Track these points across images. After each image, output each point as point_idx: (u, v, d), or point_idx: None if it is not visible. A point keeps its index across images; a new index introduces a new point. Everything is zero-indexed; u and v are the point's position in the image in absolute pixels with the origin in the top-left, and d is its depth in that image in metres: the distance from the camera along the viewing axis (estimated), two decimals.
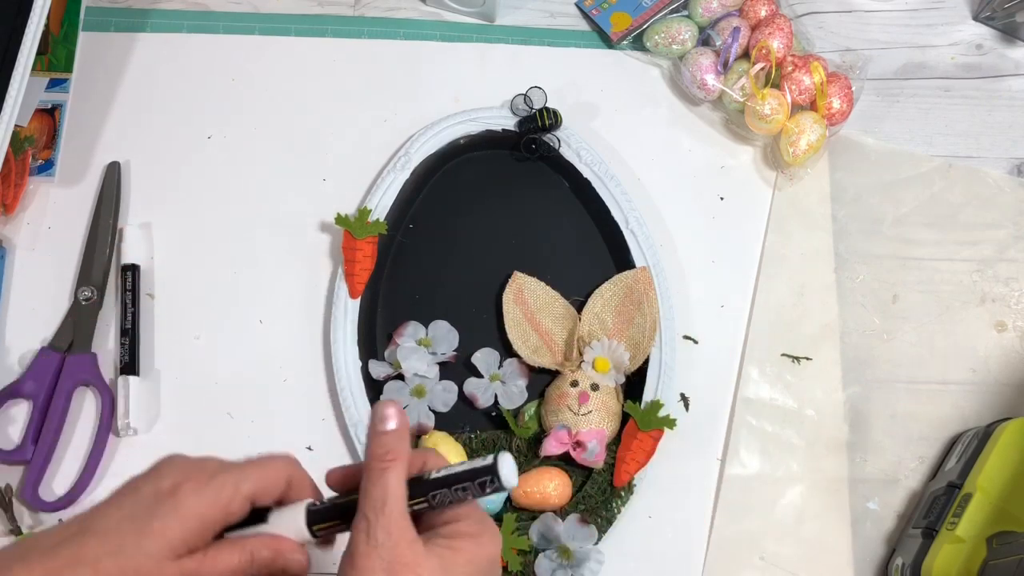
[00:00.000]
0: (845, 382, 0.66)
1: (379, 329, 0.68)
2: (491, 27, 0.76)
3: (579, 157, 0.70)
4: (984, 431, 0.62)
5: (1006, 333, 0.68)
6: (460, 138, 0.71)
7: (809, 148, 0.69)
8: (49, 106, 0.71)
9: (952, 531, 0.57)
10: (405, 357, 0.64)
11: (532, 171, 0.72)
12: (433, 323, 0.66)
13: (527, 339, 0.66)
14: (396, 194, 0.69)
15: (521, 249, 0.70)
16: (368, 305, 0.67)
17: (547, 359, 0.66)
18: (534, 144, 0.70)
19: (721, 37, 0.72)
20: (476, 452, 0.64)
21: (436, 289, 0.69)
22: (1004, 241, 0.71)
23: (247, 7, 0.75)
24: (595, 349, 0.64)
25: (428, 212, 0.71)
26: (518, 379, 0.66)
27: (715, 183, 0.72)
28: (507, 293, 0.67)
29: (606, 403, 0.63)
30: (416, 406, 0.64)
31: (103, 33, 0.73)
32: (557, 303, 0.67)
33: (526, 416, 0.65)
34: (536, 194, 0.72)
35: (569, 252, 0.70)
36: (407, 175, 0.69)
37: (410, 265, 0.70)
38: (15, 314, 0.66)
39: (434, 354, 0.66)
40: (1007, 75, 0.77)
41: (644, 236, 0.68)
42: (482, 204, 0.71)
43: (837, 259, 0.70)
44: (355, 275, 0.66)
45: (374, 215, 0.67)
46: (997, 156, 0.74)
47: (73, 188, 0.69)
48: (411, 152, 0.70)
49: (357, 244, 0.66)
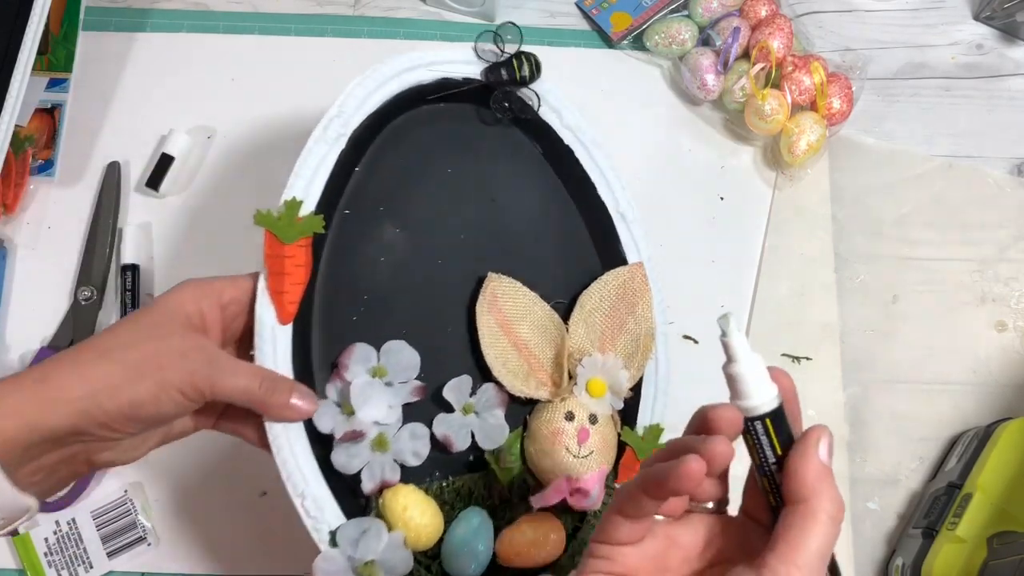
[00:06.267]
0: (845, 382, 0.66)
1: (316, 357, 0.51)
2: (491, 27, 0.76)
3: (559, 119, 0.57)
4: (984, 431, 0.62)
5: (1006, 333, 0.68)
6: (409, 88, 0.55)
7: (809, 148, 0.69)
8: (49, 106, 0.70)
9: (952, 531, 0.57)
10: (360, 399, 0.49)
11: (499, 134, 0.57)
12: (386, 345, 0.52)
13: (507, 360, 0.54)
14: (329, 174, 0.51)
15: (487, 239, 0.56)
16: (301, 328, 0.50)
17: (532, 386, 0.54)
18: (507, 101, 0.56)
19: (721, 37, 0.72)
20: (449, 504, 0.52)
21: (386, 296, 0.53)
22: (1004, 241, 0.71)
23: (247, 7, 0.75)
24: (587, 368, 0.54)
25: (367, 192, 0.54)
26: (495, 408, 0.53)
27: (715, 183, 0.72)
28: (481, 301, 0.54)
29: (605, 436, 0.54)
30: (378, 461, 0.50)
31: (103, 33, 0.73)
32: (538, 308, 0.55)
33: (508, 454, 0.53)
34: (505, 163, 0.57)
35: (547, 242, 0.57)
36: (343, 145, 0.51)
37: (348, 268, 0.53)
38: (15, 314, 0.65)
39: (391, 385, 0.51)
40: (1007, 75, 0.77)
41: (637, 222, 0.57)
42: (436, 178, 0.56)
43: (837, 259, 0.70)
44: (285, 292, 0.49)
45: (306, 207, 0.50)
46: (997, 156, 0.74)
47: (73, 188, 0.69)
48: (346, 112, 0.52)
49: (286, 251, 0.49)
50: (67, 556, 0.59)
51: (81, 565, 0.59)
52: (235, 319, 0.49)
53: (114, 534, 0.60)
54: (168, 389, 0.43)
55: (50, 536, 0.59)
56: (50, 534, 0.59)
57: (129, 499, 0.60)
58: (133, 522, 0.60)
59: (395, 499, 0.50)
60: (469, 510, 0.52)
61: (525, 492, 0.54)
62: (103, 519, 0.60)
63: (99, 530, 0.60)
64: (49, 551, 0.59)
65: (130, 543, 0.60)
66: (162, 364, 0.44)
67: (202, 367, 0.44)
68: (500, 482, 0.53)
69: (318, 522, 0.48)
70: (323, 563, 0.48)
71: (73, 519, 0.60)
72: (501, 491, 0.53)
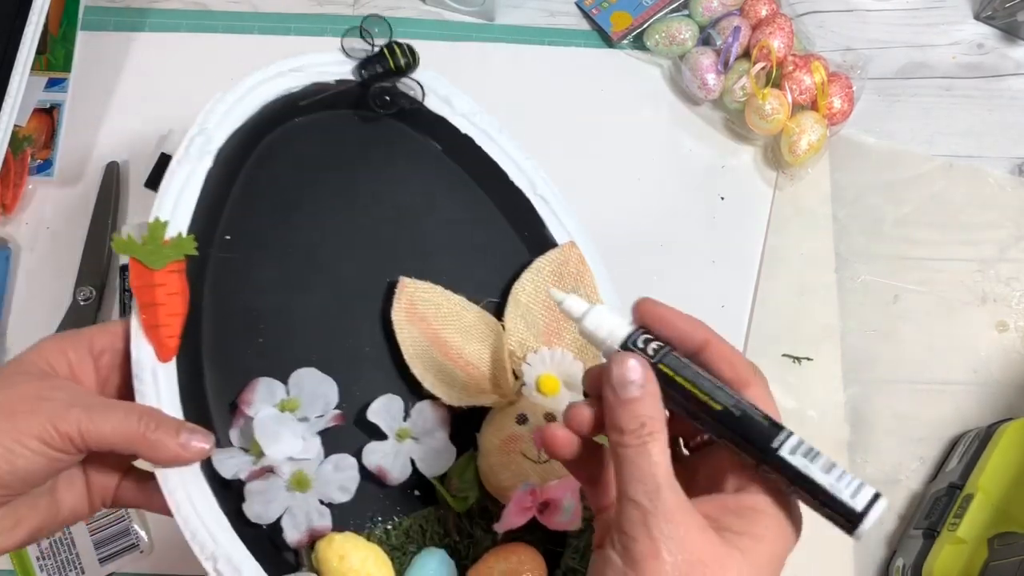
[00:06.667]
0: (846, 382, 0.66)
1: (212, 398, 0.46)
2: (491, 26, 0.76)
3: (451, 107, 0.53)
4: (985, 432, 0.62)
5: (1007, 333, 0.68)
6: (279, 97, 0.50)
7: (810, 148, 0.69)
8: (48, 106, 0.70)
9: (953, 532, 0.57)
10: (267, 435, 0.43)
11: (389, 134, 0.53)
12: (295, 375, 0.46)
13: (438, 370, 0.48)
14: (199, 192, 0.47)
15: (396, 245, 0.51)
16: (188, 366, 0.45)
17: (472, 393, 0.48)
18: (387, 95, 0.52)
19: (722, 36, 0.72)
20: (398, 549, 0.46)
21: (287, 321, 0.48)
22: (1005, 241, 0.70)
23: (246, 6, 0.75)
24: (534, 365, 0.48)
25: (250, 210, 0.49)
26: (436, 429, 0.47)
27: (715, 183, 0.72)
28: (396, 309, 0.49)
29: None
30: (300, 504, 0.44)
31: (102, 32, 0.73)
32: (465, 312, 0.50)
33: (458, 479, 0.47)
34: (402, 165, 0.53)
35: (465, 241, 0.53)
36: (209, 163, 0.47)
37: (239, 294, 0.47)
38: (15, 314, 0.65)
39: (306, 420, 0.45)
40: (1008, 74, 0.77)
41: (558, 201, 0.53)
42: (327, 187, 0.51)
43: (838, 259, 0.69)
44: (162, 325, 0.43)
45: (171, 228, 0.45)
46: (998, 156, 0.74)
47: (72, 188, 0.69)
48: (208, 128, 0.48)
49: (155, 278, 0.44)
50: (59, 561, 0.59)
51: (73, 570, 0.59)
52: (112, 371, 0.43)
53: (107, 540, 0.60)
54: (23, 437, 0.37)
55: (43, 541, 0.59)
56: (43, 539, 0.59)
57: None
58: (127, 529, 0.60)
59: (329, 549, 0.43)
60: (424, 552, 0.46)
61: (489, 521, 0.47)
62: (96, 525, 0.60)
63: (92, 536, 0.59)
64: (42, 555, 0.59)
65: (123, 550, 0.60)
66: (13, 410, 0.37)
67: (65, 408, 0.38)
68: (455, 513, 0.47)
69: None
70: None
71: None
72: (459, 524, 0.47)
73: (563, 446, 0.35)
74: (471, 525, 0.47)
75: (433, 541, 0.47)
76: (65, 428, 0.37)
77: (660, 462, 0.32)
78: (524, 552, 0.45)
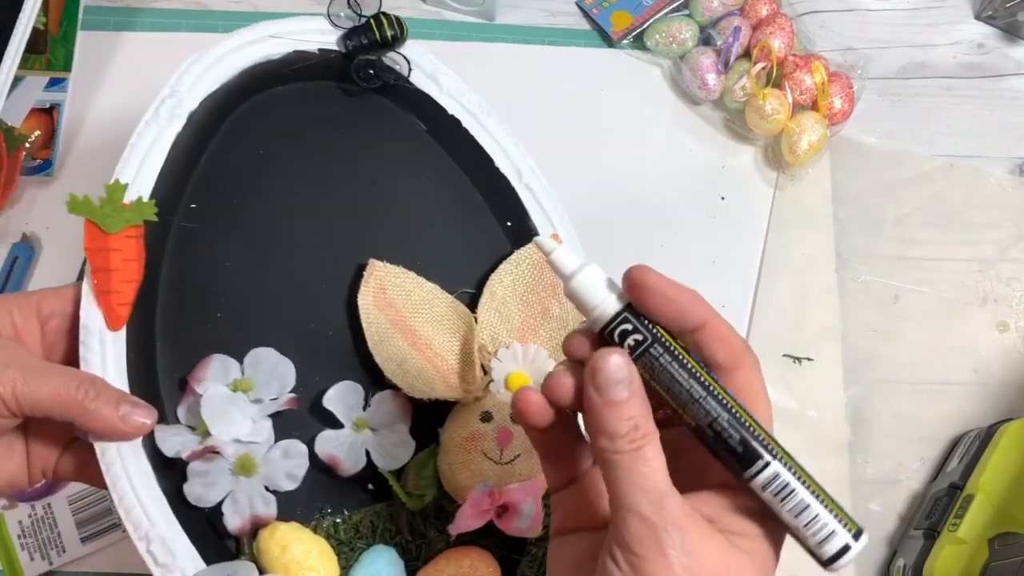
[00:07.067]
0: (846, 383, 0.66)
1: (162, 373, 0.44)
2: (491, 26, 0.76)
3: (438, 86, 0.51)
4: (986, 432, 0.62)
5: (1008, 333, 0.68)
6: (257, 64, 0.48)
7: (810, 148, 0.69)
8: (48, 105, 0.70)
9: (954, 532, 0.57)
10: (214, 413, 0.41)
11: (372, 109, 0.51)
12: (251, 354, 0.44)
13: (403, 359, 0.45)
14: (165, 156, 0.44)
15: (371, 228, 0.49)
16: (139, 337, 0.43)
17: (437, 386, 0.45)
18: (372, 68, 0.50)
19: (722, 36, 0.72)
20: (345, 544, 0.44)
21: (248, 298, 0.46)
22: (1006, 241, 0.70)
23: (246, 6, 0.75)
24: (505, 361, 0.46)
25: (220, 178, 0.47)
26: (396, 421, 0.45)
27: (716, 183, 0.72)
28: (363, 293, 0.46)
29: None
30: (244, 489, 0.41)
31: (102, 32, 0.73)
32: (439, 300, 0.47)
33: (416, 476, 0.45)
34: (384, 144, 0.51)
35: (443, 227, 0.50)
36: (179, 126, 0.45)
37: (200, 266, 0.46)
38: None
39: (259, 402, 0.43)
40: (1009, 74, 0.77)
41: (545, 192, 0.51)
42: (302, 161, 0.49)
43: (838, 259, 0.69)
44: (113, 292, 0.41)
45: (133, 191, 0.43)
46: (999, 156, 0.74)
47: (72, 187, 0.68)
48: (180, 91, 0.46)
49: (111, 242, 0.42)
50: (40, 540, 0.59)
51: (54, 549, 0.59)
52: (59, 337, 0.41)
53: (89, 520, 0.59)
54: None
55: (24, 519, 0.59)
56: (24, 517, 0.59)
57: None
58: (108, 508, 0.59)
59: (271, 539, 0.40)
60: (372, 550, 0.44)
61: (444, 522, 0.45)
62: (79, 504, 0.59)
63: (74, 515, 0.59)
64: (23, 534, 0.59)
65: (105, 529, 0.59)
66: None
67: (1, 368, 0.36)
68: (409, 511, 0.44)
69: (168, 571, 0.39)
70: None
71: (49, 504, 0.59)
72: (412, 523, 0.44)
73: (536, 413, 0.32)
74: (425, 525, 0.45)
75: (383, 539, 0.45)
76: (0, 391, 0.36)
77: (658, 467, 0.29)
78: (477, 557, 0.43)
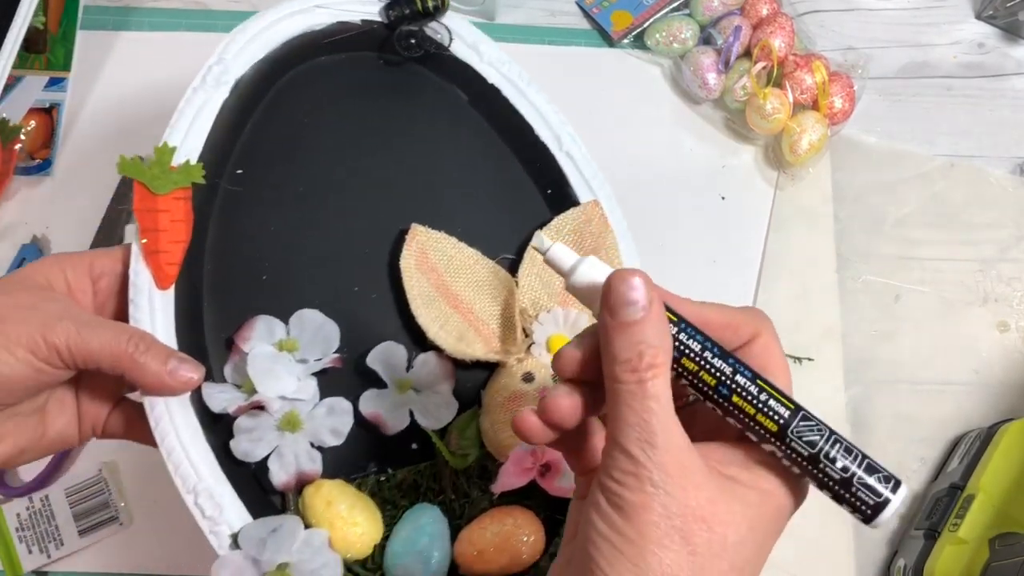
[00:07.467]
0: (847, 383, 0.66)
1: (209, 332, 0.45)
2: (491, 25, 0.76)
3: (479, 55, 0.52)
4: (987, 432, 0.62)
5: (1008, 333, 0.68)
6: (300, 35, 0.50)
7: (811, 147, 0.69)
8: (47, 105, 0.70)
9: (954, 532, 0.57)
10: (260, 371, 0.42)
11: (413, 79, 0.52)
12: (297, 315, 0.45)
13: (445, 321, 0.46)
14: (212, 122, 0.46)
15: (413, 195, 0.50)
16: (187, 297, 0.44)
17: (479, 347, 0.46)
18: (413, 38, 0.51)
19: (722, 36, 0.72)
20: (390, 502, 0.45)
21: (293, 262, 0.47)
22: (1006, 241, 0.70)
23: (246, 5, 0.75)
24: (546, 324, 0.47)
25: (265, 145, 0.48)
26: (440, 382, 0.46)
27: (716, 183, 0.72)
28: (406, 256, 0.47)
29: None
30: (290, 445, 0.42)
31: (102, 32, 0.73)
32: (479, 265, 0.48)
33: (458, 436, 0.46)
34: (425, 113, 0.52)
35: (484, 195, 0.51)
36: (226, 92, 0.47)
37: (247, 228, 0.47)
38: None
39: (304, 362, 0.44)
40: (1009, 74, 0.76)
41: (585, 159, 0.52)
42: (345, 130, 0.50)
43: (839, 259, 0.69)
44: (162, 251, 0.43)
45: (181, 155, 0.44)
46: (999, 155, 0.74)
47: (71, 187, 0.68)
48: (227, 59, 0.47)
49: (159, 203, 0.43)
50: (38, 532, 0.59)
51: (52, 542, 0.59)
52: (109, 296, 0.42)
53: (87, 513, 0.59)
54: (10, 345, 0.36)
55: (22, 512, 0.59)
56: (22, 510, 0.59)
57: (103, 478, 0.60)
58: (106, 501, 0.60)
59: (316, 495, 0.41)
60: (416, 508, 0.44)
61: (487, 482, 0.45)
62: (76, 497, 0.60)
63: (72, 508, 0.59)
64: (21, 527, 0.59)
65: (102, 522, 0.59)
66: (3, 317, 0.37)
67: (55, 320, 0.37)
68: (453, 470, 0.45)
69: (215, 523, 0.40)
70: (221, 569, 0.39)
71: (46, 496, 0.59)
72: (455, 482, 0.45)
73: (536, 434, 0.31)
74: (468, 484, 0.45)
75: (427, 498, 0.45)
76: (53, 339, 0.37)
77: (657, 407, 0.28)
78: (521, 516, 0.43)
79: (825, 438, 0.29)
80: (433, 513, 0.44)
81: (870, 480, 0.29)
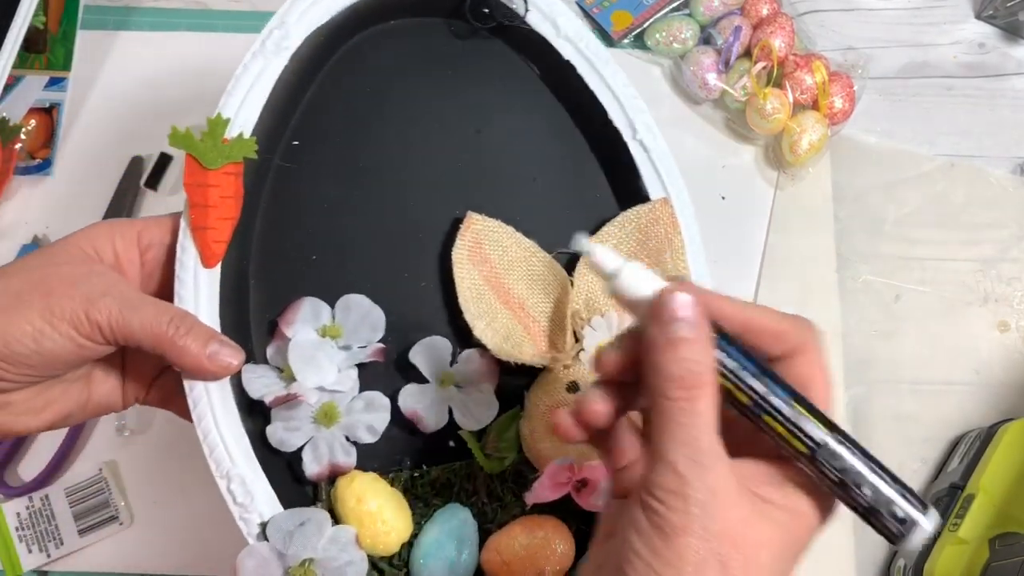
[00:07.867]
0: (847, 382, 0.66)
1: (254, 313, 0.44)
2: None
3: (555, 28, 0.47)
4: (987, 432, 0.62)
5: (1009, 333, 0.68)
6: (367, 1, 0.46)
7: (811, 147, 0.69)
8: (47, 105, 0.70)
9: (955, 532, 0.57)
10: (301, 359, 0.41)
11: (482, 51, 0.49)
12: (343, 299, 0.44)
13: (493, 318, 0.44)
14: (268, 93, 0.43)
15: (473, 176, 0.47)
16: (234, 275, 0.42)
17: (526, 348, 0.44)
18: (487, 7, 0.47)
19: (722, 36, 0.72)
20: (422, 500, 0.44)
21: (345, 243, 0.45)
22: (1007, 241, 0.70)
23: (246, 5, 0.75)
24: (598, 330, 0.44)
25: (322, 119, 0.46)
26: (482, 380, 0.44)
27: (716, 182, 0.71)
28: (459, 246, 0.45)
29: None
30: (325, 436, 0.42)
31: (102, 32, 0.73)
32: (536, 258, 0.46)
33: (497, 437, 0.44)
34: (492, 87, 0.49)
35: (547, 180, 0.48)
36: (285, 60, 0.44)
37: (298, 207, 0.45)
38: None
39: (347, 348, 0.43)
40: (1010, 74, 0.76)
41: (660, 152, 0.48)
42: (406, 103, 0.47)
43: (839, 259, 0.69)
44: (210, 228, 0.41)
45: (234, 127, 0.42)
46: (1000, 155, 0.74)
47: (71, 187, 0.68)
48: (288, 22, 0.44)
49: (210, 178, 0.41)
50: (38, 532, 0.59)
51: (52, 541, 0.59)
52: (156, 267, 0.42)
53: (87, 512, 0.59)
54: (54, 320, 0.36)
55: (22, 511, 0.59)
56: (22, 509, 0.59)
57: (103, 478, 0.60)
58: (106, 501, 0.60)
59: (348, 488, 0.40)
60: (447, 508, 0.44)
61: (522, 488, 0.44)
62: (76, 496, 0.60)
63: (72, 507, 0.59)
64: (20, 526, 0.59)
65: (102, 521, 0.59)
66: (50, 289, 0.36)
67: (99, 297, 0.37)
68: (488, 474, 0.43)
69: (246, 510, 0.40)
70: (247, 559, 0.39)
71: (46, 496, 0.60)
72: (490, 485, 0.43)
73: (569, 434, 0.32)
74: (502, 488, 0.44)
75: (460, 498, 0.44)
76: (95, 316, 0.37)
77: (705, 424, 0.28)
78: (553, 529, 0.42)
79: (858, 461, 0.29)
80: (464, 515, 0.44)
81: (901, 506, 0.29)
